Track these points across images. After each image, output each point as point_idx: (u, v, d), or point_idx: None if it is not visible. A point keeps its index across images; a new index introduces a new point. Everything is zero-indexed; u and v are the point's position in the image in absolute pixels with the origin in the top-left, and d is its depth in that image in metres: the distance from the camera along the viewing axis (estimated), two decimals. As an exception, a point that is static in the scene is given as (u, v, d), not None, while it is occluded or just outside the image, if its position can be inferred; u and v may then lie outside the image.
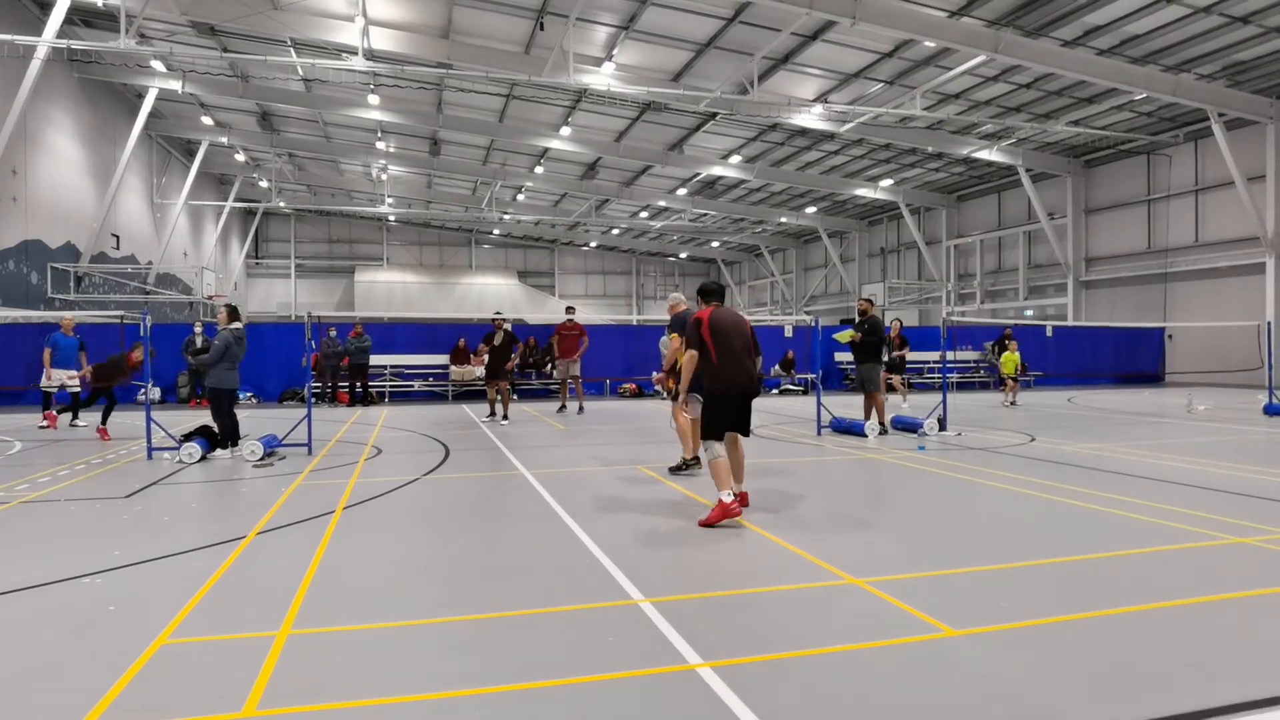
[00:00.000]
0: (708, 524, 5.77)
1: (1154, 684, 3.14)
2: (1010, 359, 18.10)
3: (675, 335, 8.58)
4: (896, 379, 17.16)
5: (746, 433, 6.45)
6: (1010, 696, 3.01)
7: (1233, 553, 5.03)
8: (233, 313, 9.87)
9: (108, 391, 12.74)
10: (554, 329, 17.28)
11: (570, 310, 17.09)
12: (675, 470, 8.34)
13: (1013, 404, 17.40)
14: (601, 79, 20.85)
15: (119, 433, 12.50)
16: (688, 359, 6.34)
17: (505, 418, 13.96)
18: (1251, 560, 4.86)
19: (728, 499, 5.80)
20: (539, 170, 34.14)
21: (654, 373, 7.19)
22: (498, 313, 15.56)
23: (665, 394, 8.63)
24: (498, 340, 14.21)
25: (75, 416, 13.96)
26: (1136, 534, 5.52)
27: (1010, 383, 17.90)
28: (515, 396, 18.97)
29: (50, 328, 18.60)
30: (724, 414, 6.20)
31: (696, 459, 8.27)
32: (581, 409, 16.17)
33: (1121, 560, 4.88)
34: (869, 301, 12.50)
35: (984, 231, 34.19)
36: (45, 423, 13.41)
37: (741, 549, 5.26)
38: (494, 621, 3.87)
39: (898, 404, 16.15)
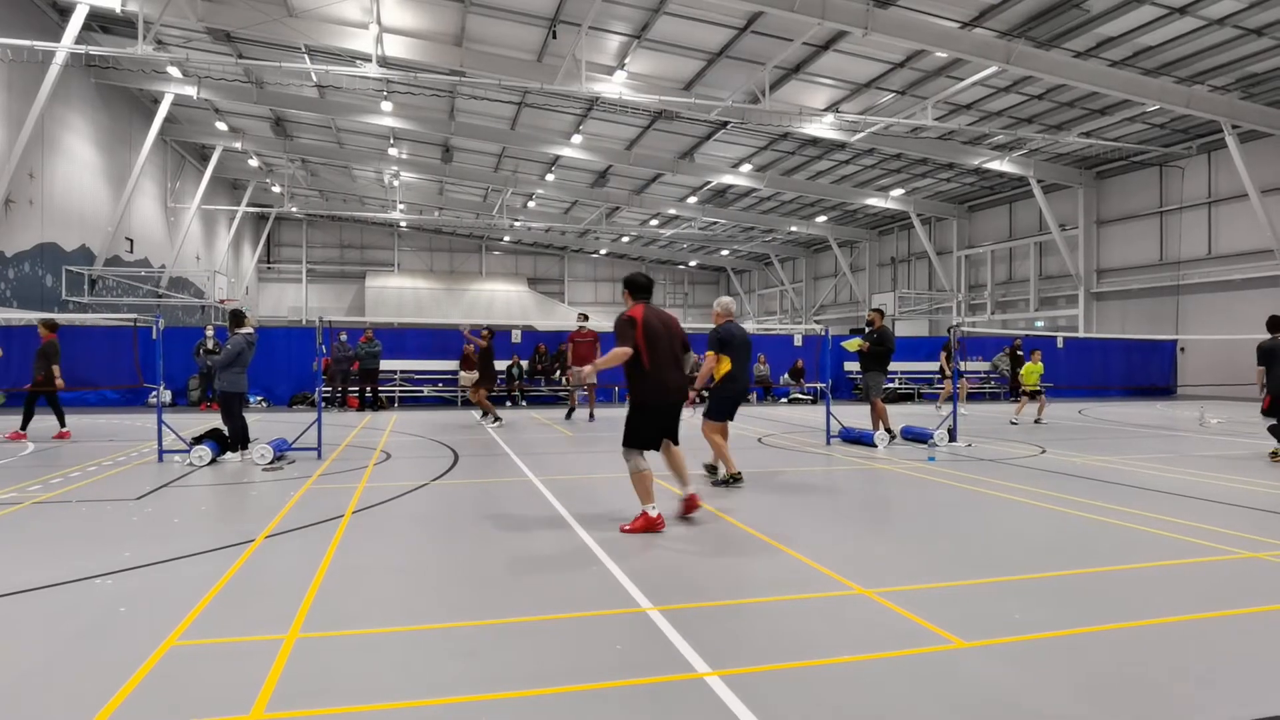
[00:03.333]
0: (630, 530, 5.76)
1: (1166, 699, 3.11)
2: (1033, 370, 16.15)
3: (711, 353, 7.93)
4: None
5: (676, 439, 6.34)
6: (1022, 710, 2.99)
7: (1246, 568, 4.98)
8: (236, 316, 9.89)
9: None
10: (565, 336, 17.33)
11: (583, 318, 17.06)
12: (719, 483, 7.89)
13: (1038, 421, 15.64)
14: (613, 87, 20.92)
15: (131, 435, 12.57)
16: (616, 356, 6.03)
17: (498, 419, 14.50)
18: (1265, 575, 4.81)
19: (653, 513, 5.77)
20: (550, 178, 34.26)
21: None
22: (485, 328, 15.89)
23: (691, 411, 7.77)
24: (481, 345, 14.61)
25: None
26: (1149, 547, 5.48)
27: (1025, 398, 16.14)
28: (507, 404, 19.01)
29: (64, 330, 18.78)
30: (653, 424, 6.02)
31: (740, 474, 7.87)
32: (592, 416, 16.20)
33: (1134, 574, 4.84)
34: (879, 312, 12.48)
35: (995, 242, 34.10)
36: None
37: (750, 558, 5.24)
38: (502, 627, 3.87)
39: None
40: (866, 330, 12.29)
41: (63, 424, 12.39)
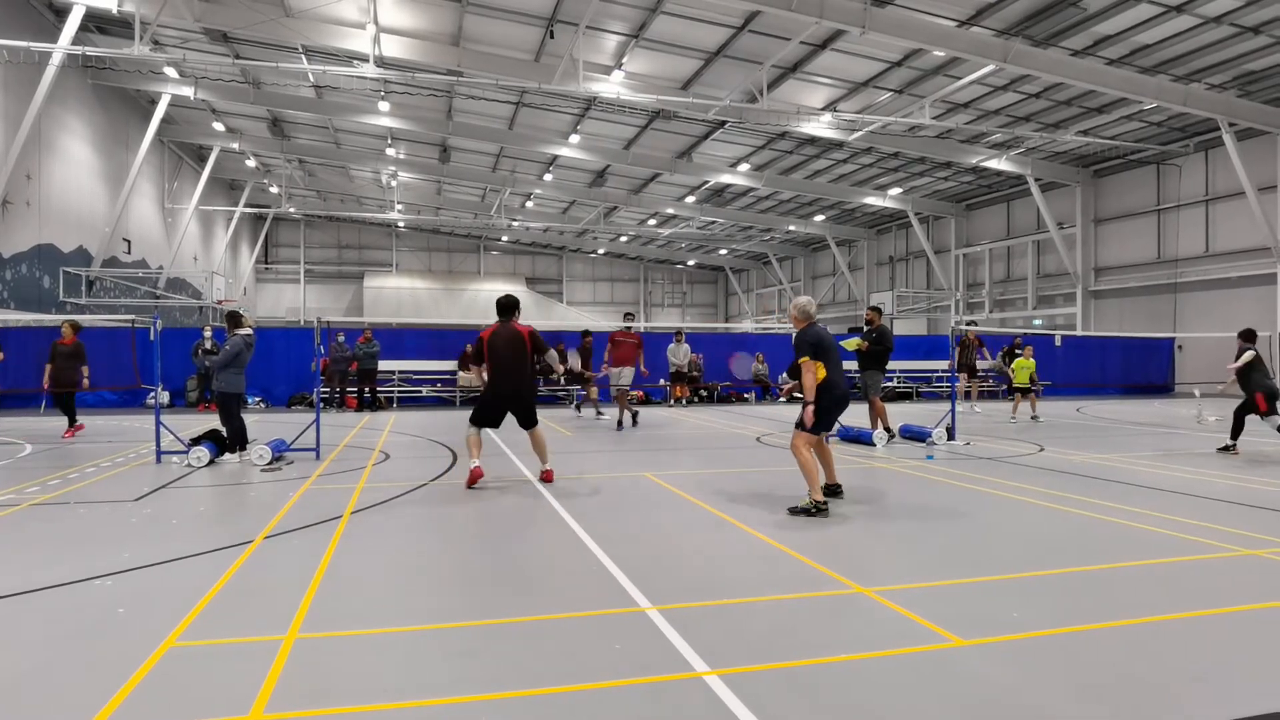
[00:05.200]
0: (471, 485, 7.73)
1: (1163, 697, 3.12)
2: (1024, 365, 16.29)
3: (806, 359, 6.80)
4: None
5: (526, 425, 8.23)
6: (1019, 708, 3.00)
7: (1243, 565, 4.99)
8: (234, 317, 9.88)
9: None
10: (562, 336, 17.20)
11: (629, 317, 16.28)
12: (796, 512, 6.55)
13: (1034, 418, 15.86)
14: (611, 87, 20.92)
15: (129, 436, 12.56)
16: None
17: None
18: (1262, 572, 4.82)
19: (473, 465, 7.80)
20: (548, 177, 34.25)
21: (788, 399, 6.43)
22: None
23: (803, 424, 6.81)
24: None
25: None
26: (1146, 545, 5.49)
27: (1019, 395, 16.41)
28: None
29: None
30: (492, 411, 8.11)
31: (825, 503, 6.60)
32: (635, 421, 15.04)
33: (1131, 571, 4.85)
34: (876, 311, 12.48)
35: (993, 241, 34.12)
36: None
37: (749, 557, 5.25)
38: (500, 627, 3.87)
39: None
40: (865, 329, 12.30)
41: (73, 422, 12.90)
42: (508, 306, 8.21)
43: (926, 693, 3.13)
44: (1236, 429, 10.64)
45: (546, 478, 8.13)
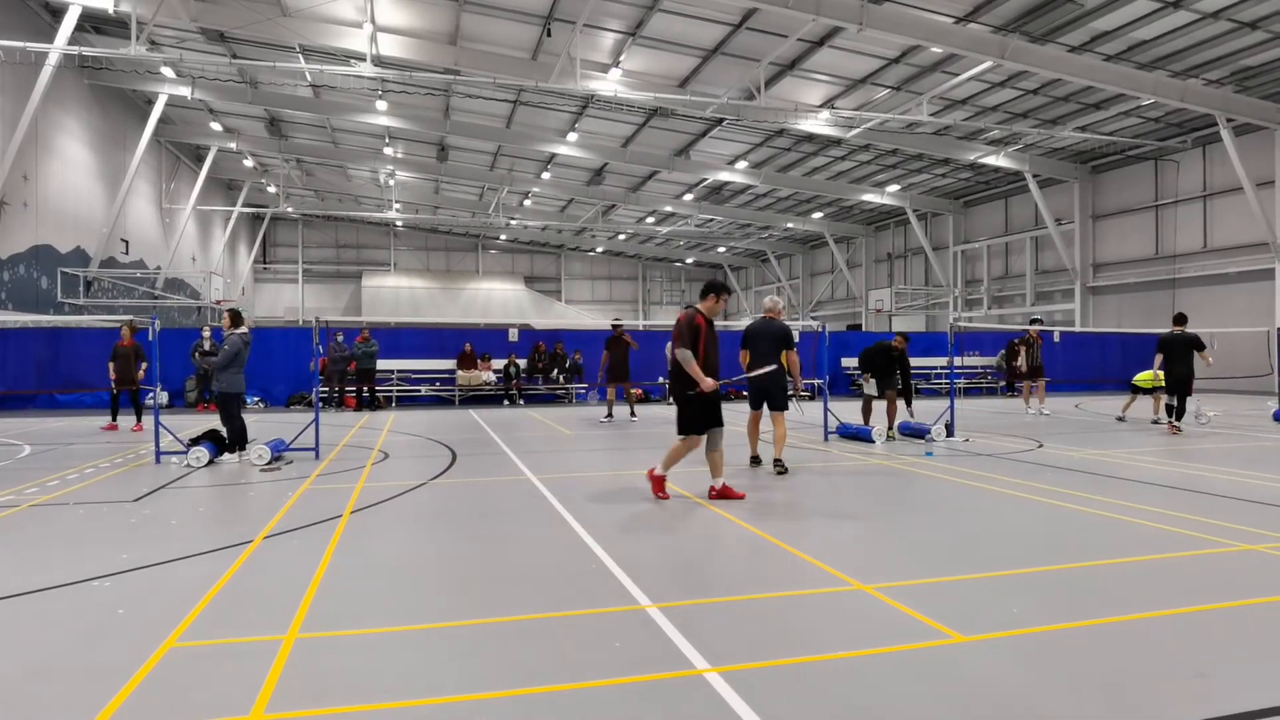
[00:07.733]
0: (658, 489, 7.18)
1: (1164, 692, 3.12)
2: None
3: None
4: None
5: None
6: (1020, 705, 3.00)
7: (1243, 560, 5.00)
8: (235, 317, 9.88)
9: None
10: (561, 335, 17.17)
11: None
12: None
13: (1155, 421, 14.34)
14: (608, 85, 20.90)
15: (129, 437, 12.55)
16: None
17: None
18: (1261, 567, 4.83)
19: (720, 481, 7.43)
20: (546, 176, 34.22)
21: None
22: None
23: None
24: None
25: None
26: (1146, 541, 5.49)
27: (1158, 395, 14.26)
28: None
29: (60, 332, 18.78)
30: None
31: (756, 458, 9.28)
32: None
33: (1131, 567, 4.86)
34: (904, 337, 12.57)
35: (991, 237, 34.12)
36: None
37: (749, 554, 5.25)
38: (501, 626, 3.87)
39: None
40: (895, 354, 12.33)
41: (140, 417, 13.82)
42: (721, 288, 7.54)
43: (927, 689, 3.13)
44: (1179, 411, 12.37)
45: (712, 492, 7.08)
